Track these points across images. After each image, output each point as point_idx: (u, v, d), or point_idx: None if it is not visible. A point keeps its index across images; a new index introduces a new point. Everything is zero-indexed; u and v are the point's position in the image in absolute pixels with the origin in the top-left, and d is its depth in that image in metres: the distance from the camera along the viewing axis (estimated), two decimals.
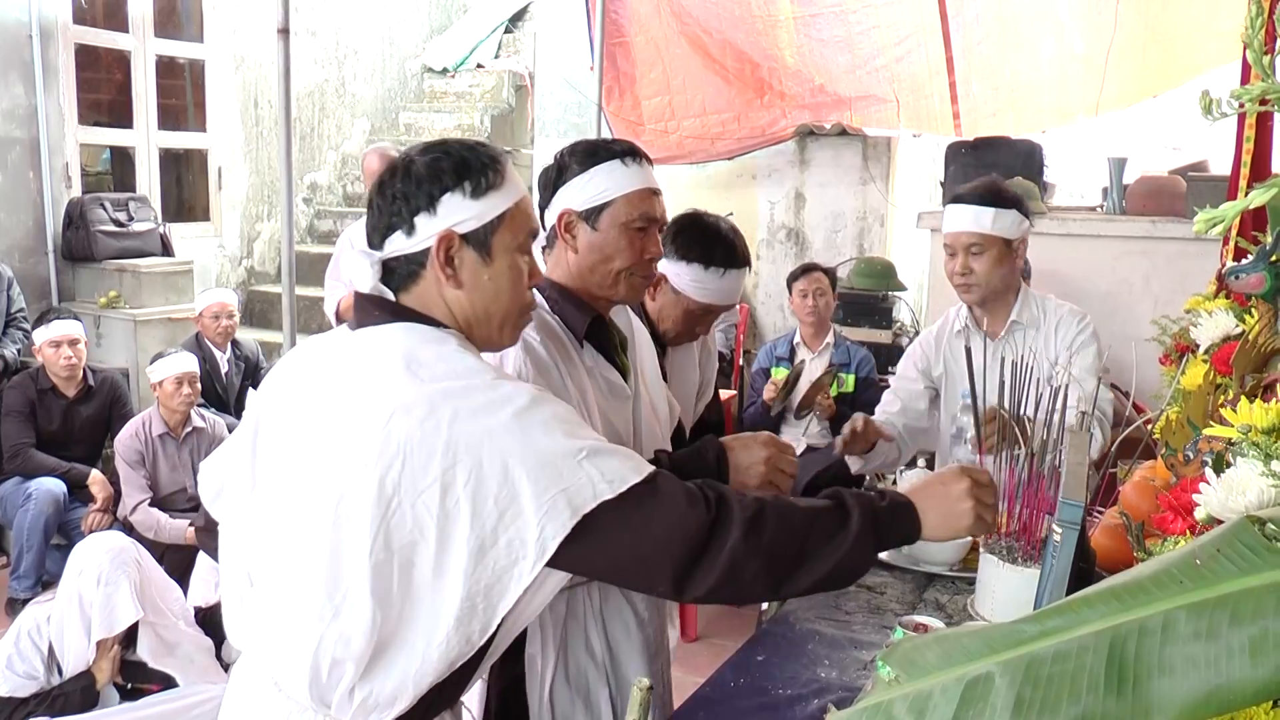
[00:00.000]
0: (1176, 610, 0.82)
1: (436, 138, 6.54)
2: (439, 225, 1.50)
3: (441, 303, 1.54)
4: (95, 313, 6.20)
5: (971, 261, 2.80)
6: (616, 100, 6.61)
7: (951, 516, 1.61)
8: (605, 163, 2.04)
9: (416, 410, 1.36)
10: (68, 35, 6.39)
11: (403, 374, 1.41)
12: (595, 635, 2.09)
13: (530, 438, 1.36)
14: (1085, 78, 5.88)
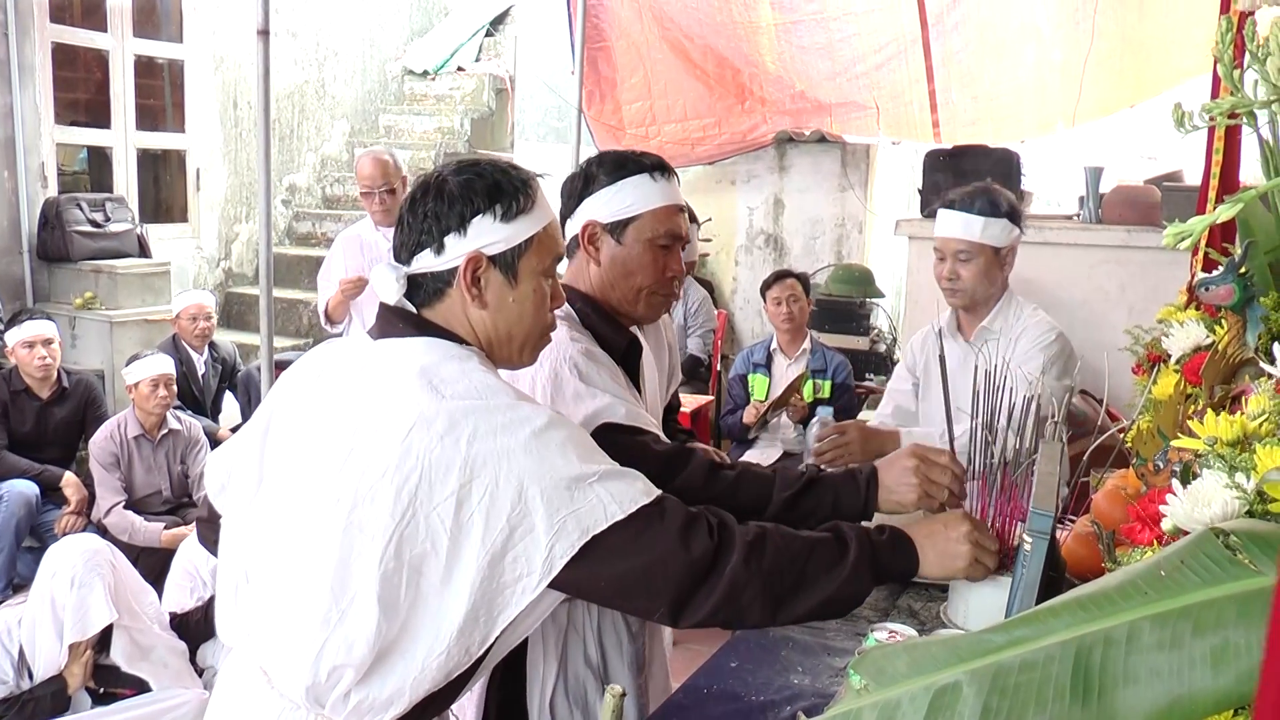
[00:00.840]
0: (1141, 620, 0.83)
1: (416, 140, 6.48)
2: (468, 246, 1.52)
3: (465, 321, 1.56)
4: (70, 314, 6.16)
5: (959, 267, 2.82)
6: (597, 105, 6.62)
7: (948, 557, 1.65)
8: (634, 176, 2.03)
9: (437, 425, 1.38)
10: (44, 33, 6.34)
11: (424, 388, 1.43)
12: (592, 645, 2.10)
13: (546, 459, 1.39)
14: (1063, 88, 5.92)
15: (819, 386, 4.99)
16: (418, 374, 1.45)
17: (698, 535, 1.44)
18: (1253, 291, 1.75)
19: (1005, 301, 2.92)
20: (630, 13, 6.48)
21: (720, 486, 1.88)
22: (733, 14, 6.30)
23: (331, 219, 7.50)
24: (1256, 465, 1.11)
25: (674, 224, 2.06)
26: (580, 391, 1.90)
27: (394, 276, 1.55)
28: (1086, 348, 3.08)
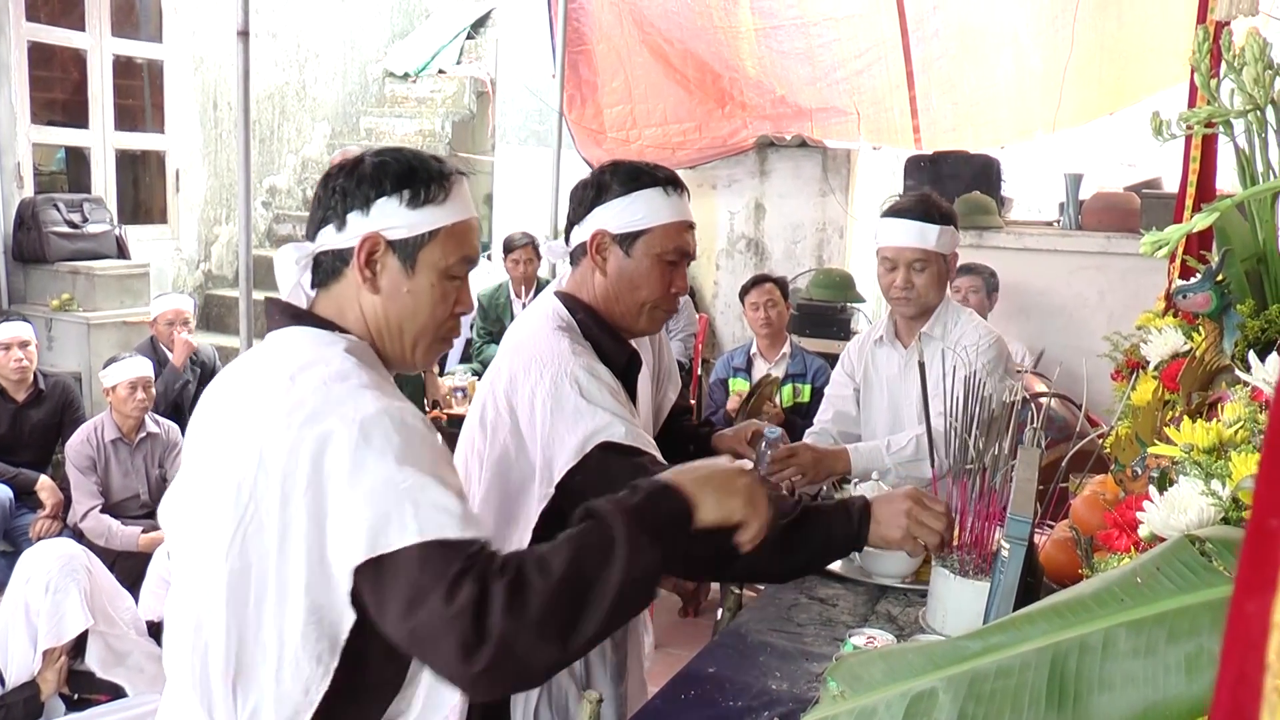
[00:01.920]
0: (1117, 627, 0.84)
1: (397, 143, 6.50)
2: (368, 226, 1.49)
3: (357, 306, 1.52)
4: (47, 315, 6.11)
5: (914, 277, 2.82)
6: (578, 108, 6.61)
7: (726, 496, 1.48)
8: (647, 189, 2.03)
9: (277, 414, 1.35)
10: (20, 32, 6.30)
11: (279, 379, 1.39)
12: None
13: (366, 455, 1.30)
14: (1043, 95, 5.96)
15: (799, 390, 5.00)
16: (279, 365, 1.42)
17: (464, 586, 1.25)
18: (1229, 299, 1.76)
19: (943, 307, 2.93)
20: (611, 16, 6.48)
21: None
22: (713, 18, 6.30)
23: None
24: (1232, 472, 1.12)
25: (683, 240, 2.07)
26: (580, 408, 1.90)
27: (298, 254, 1.52)
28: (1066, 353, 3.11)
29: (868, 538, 1.88)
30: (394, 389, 1.46)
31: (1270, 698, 0.44)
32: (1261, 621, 0.45)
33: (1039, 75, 5.98)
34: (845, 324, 5.92)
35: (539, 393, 1.93)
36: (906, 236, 2.81)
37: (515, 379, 1.98)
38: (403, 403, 1.39)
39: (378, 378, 1.43)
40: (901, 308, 2.90)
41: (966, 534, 1.99)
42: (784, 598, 2.20)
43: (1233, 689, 0.47)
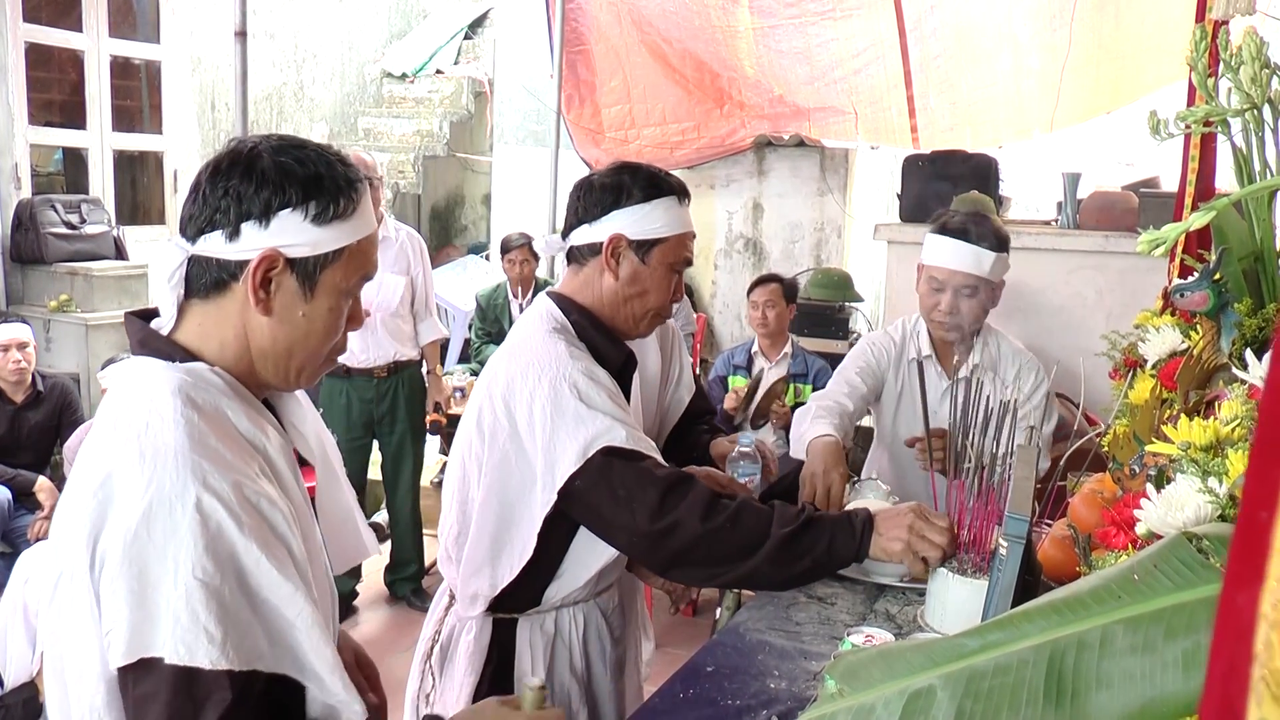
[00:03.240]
0: (1114, 624, 0.84)
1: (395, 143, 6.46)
2: (266, 240, 1.31)
3: (239, 325, 1.35)
4: (45, 316, 6.10)
5: (961, 302, 2.71)
6: (576, 108, 6.62)
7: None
8: (666, 197, 2.06)
9: (83, 485, 1.24)
10: (17, 33, 6.29)
11: (126, 437, 1.25)
12: (578, 654, 2.13)
13: (156, 543, 1.18)
14: (1040, 94, 5.97)
15: (799, 390, 5.01)
16: (117, 421, 1.28)
17: None
18: (1227, 298, 1.77)
19: (984, 334, 2.85)
20: (609, 17, 6.48)
21: (719, 519, 1.86)
22: (711, 18, 6.31)
23: None
24: (1229, 470, 1.12)
25: (690, 250, 2.13)
26: (581, 414, 1.90)
27: (179, 254, 1.33)
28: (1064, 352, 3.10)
29: (869, 550, 1.93)
30: (258, 416, 1.36)
31: (1258, 687, 0.44)
32: (1250, 612, 0.45)
33: (1037, 74, 5.99)
34: (844, 324, 5.92)
35: (538, 397, 1.93)
36: (959, 259, 2.69)
37: (512, 383, 1.98)
38: (200, 488, 1.20)
39: (220, 428, 1.28)
40: (941, 331, 2.80)
41: (965, 533, 1.99)
42: (783, 596, 2.20)
43: (1222, 679, 0.47)
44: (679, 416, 2.64)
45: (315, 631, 1.24)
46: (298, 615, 1.23)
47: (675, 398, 2.65)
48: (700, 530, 1.85)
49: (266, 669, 1.20)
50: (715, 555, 1.90)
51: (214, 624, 1.16)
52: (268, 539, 1.23)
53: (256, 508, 1.23)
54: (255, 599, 1.21)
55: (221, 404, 1.31)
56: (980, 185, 5.26)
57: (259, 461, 1.30)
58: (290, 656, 1.23)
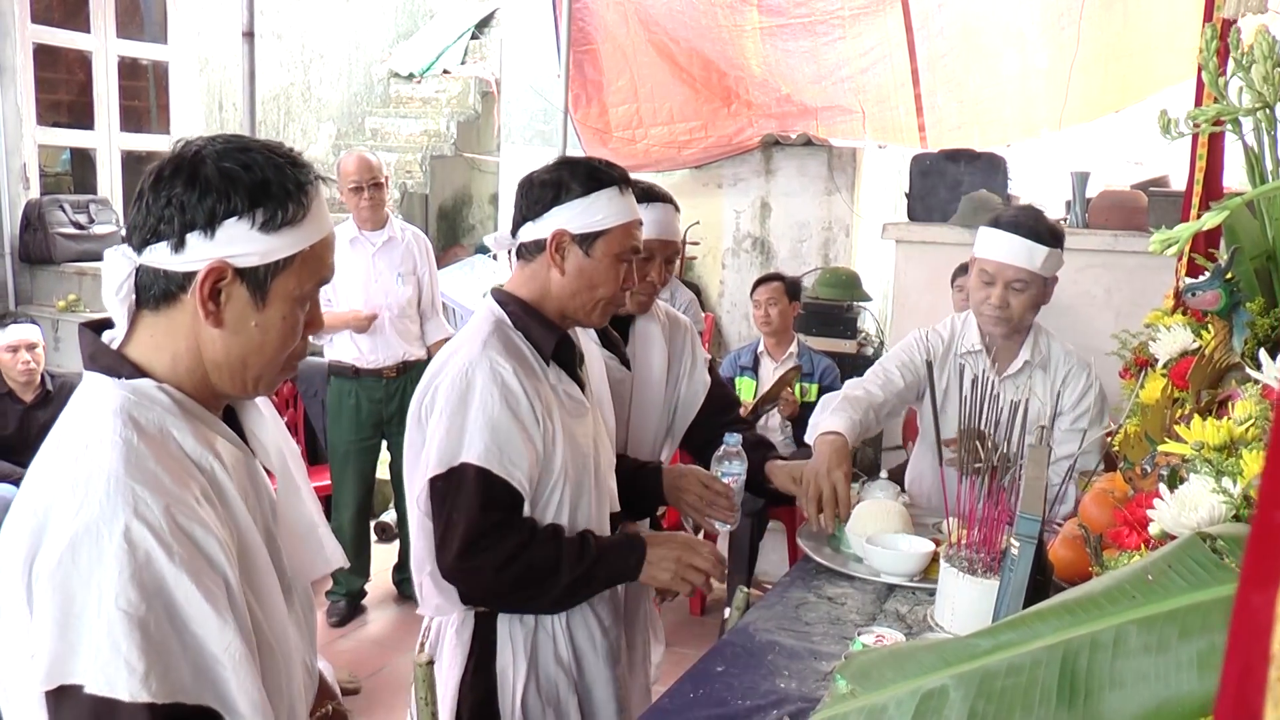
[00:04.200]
0: (1128, 624, 0.84)
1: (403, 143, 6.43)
2: (213, 251, 1.27)
3: (191, 337, 1.31)
4: (53, 316, 6.12)
5: (1011, 296, 2.68)
6: (584, 108, 6.61)
7: None
8: (606, 189, 2.07)
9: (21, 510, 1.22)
10: (25, 34, 6.30)
11: (63, 458, 1.24)
12: (563, 644, 2.14)
13: (78, 566, 1.15)
14: (1048, 92, 5.95)
15: (806, 390, 5.00)
16: (71, 437, 1.26)
17: None
18: (1238, 297, 1.76)
19: (1034, 333, 2.82)
20: (616, 16, 6.48)
21: (514, 569, 1.99)
22: (718, 18, 6.30)
23: None
24: (1243, 470, 1.11)
25: (637, 239, 2.14)
26: (464, 418, 1.98)
27: (126, 264, 1.29)
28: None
29: (640, 575, 2.10)
30: (207, 433, 1.32)
31: (1275, 688, 0.44)
32: (1266, 613, 0.45)
33: (1044, 73, 5.98)
34: (852, 323, 5.91)
35: (441, 392, 2.02)
36: (1012, 253, 2.66)
37: (432, 379, 2.08)
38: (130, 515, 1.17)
39: (162, 449, 1.25)
40: (990, 326, 2.77)
41: (975, 533, 1.99)
42: (792, 596, 2.20)
43: (1238, 680, 0.47)
44: (695, 411, 2.65)
45: (243, 668, 1.20)
46: (225, 650, 1.19)
47: (688, 392, 2.66)
48: (494, 580, 1.99)
49: (190, 701, 1.17)
50: (506, 598, 2.06)
51: (136, 655, 1.13)
52: (200, 569, 1.19)
53: (190, 536, 1.20)
54: (184, 631, 1.18)
55: (167, 423, 1.27)
56: (989, 184, 5.26)
57: (201, 484, 1.26)
58: (214, 690, 1.19)
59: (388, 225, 4.86)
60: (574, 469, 2.08)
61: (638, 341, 2.60)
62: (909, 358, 2.87)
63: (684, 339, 2.70)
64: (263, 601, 1.32)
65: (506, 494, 1.97)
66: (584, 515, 2.11)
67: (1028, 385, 2.70)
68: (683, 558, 2.08)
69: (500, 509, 1.97)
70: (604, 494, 2.18)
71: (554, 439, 2.03)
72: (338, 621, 4.89)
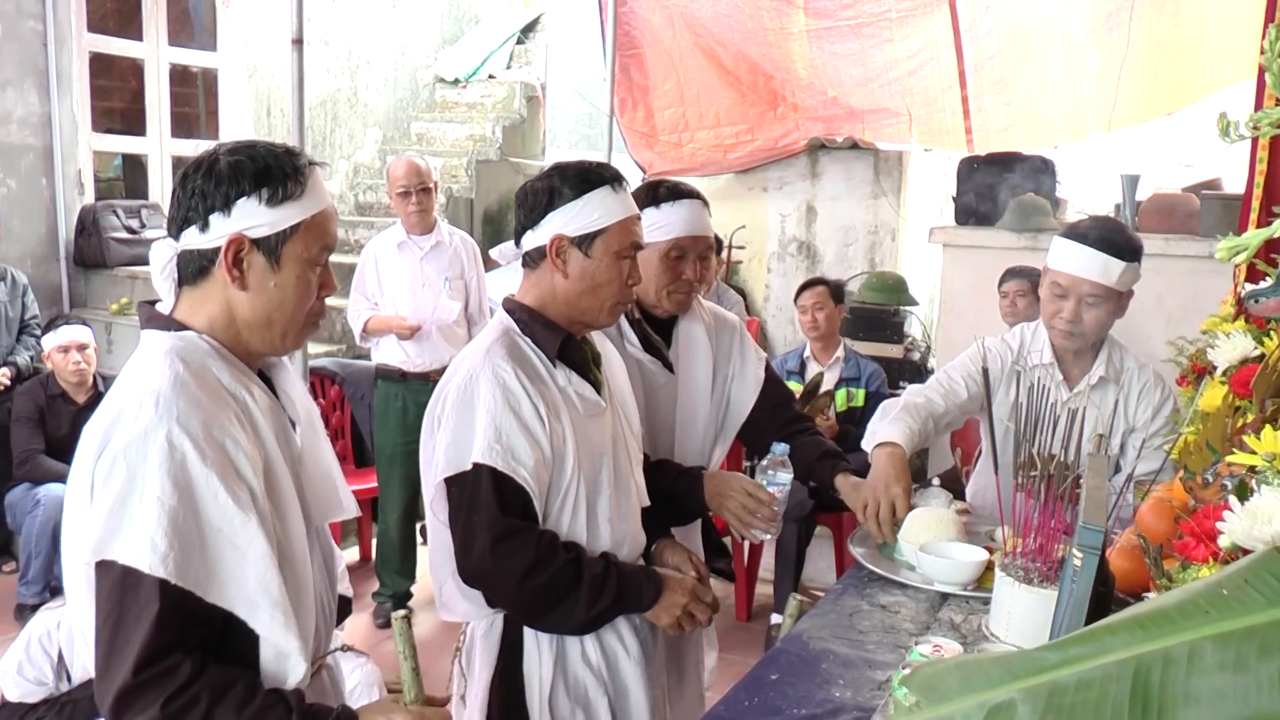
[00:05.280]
0: (1203, 640, 0.82)
1: (448, 147, 6.46)
2: (231, 227, 1.55)
3: (224, 301, 1.59)
4: (106, 319, 6.21)
5: (1084, 311, 2.60)
6: (630, 112, 6.62)
7: None
8: (598, 189, 2.08)
9: (121, 417, 1.48)
10: (82, 43, 6.41)
11: (126, 386, 1.53)
12: (591, 646, 2.14)
13: (128, 463, 1.43)
14: (1097, 94, 5.88)
15: (852, 395, 4.98)
16: (132, 372, 1.55)
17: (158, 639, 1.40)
18: None
19: (1108, 346, 2.74)
20: (662, 20, 6.48)
21: (534, 582, 2.00)
22: (764, 20, 6.29)
23: (364, 226, 7.52)
24: None
25: (636, 235, 2.14)
26: (472, 421, 2.00)
27: (170, 253, 1.60)
28: None
29: (649, 612, 2.13)
30: (242, 375, 1.59)
31: None
32: None
33: (1093, 74, 5.91)
34: (898, 327, 5.88)
35: (449, 399, 2.05)
36: (1086, 267, 2.57)
37: (443, 387, 2.10)
38: (190, 419, 1.45)
39: (203, 380, 1.52)
40: (1061, 340, 2.70)
41: (1030, 541, 1.96)
42: (845, 604, 2.19)
43: None
44: (747, 411, 2.63)
45: (265, 563, 1.46)
46: (249, 545, 1.45)
47: (738, 393, 2.65)
48: (515, 591, 2.01)
49: (205, 597, 1.43)
50: (527, 611, 2.07)
51: (160, 536, 1.39)
52: (228, 474, 1.46)
53: (221, 445, 1.47)
54: (207, 528, 1.44)
55: (207, 363, 1.56)
56: (1037, 187, 5.21)
57: (235, 410, 1.53)
58: (235, 589, 1.45)
59: (435, 230, 4.89)
60: (588, 468, 2.09)
61: (680, 344, 2.59)
62: (975, 368, 2.78)
63: (731, 339, 2.68)
64: (286, 524, 1.56)
65: (518, 495, 1.99)
66: (603, 514, 2.11)
67: (1099, 400, 2.65)
68: (688, 606, 2.13)
69: (517, 512, 1.99)
70: (625, 492, 2.18)
71: (563, 439, 2.04)
72: (384, 623, 4.92)
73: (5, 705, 3.14)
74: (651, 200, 2.43)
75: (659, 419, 2.51)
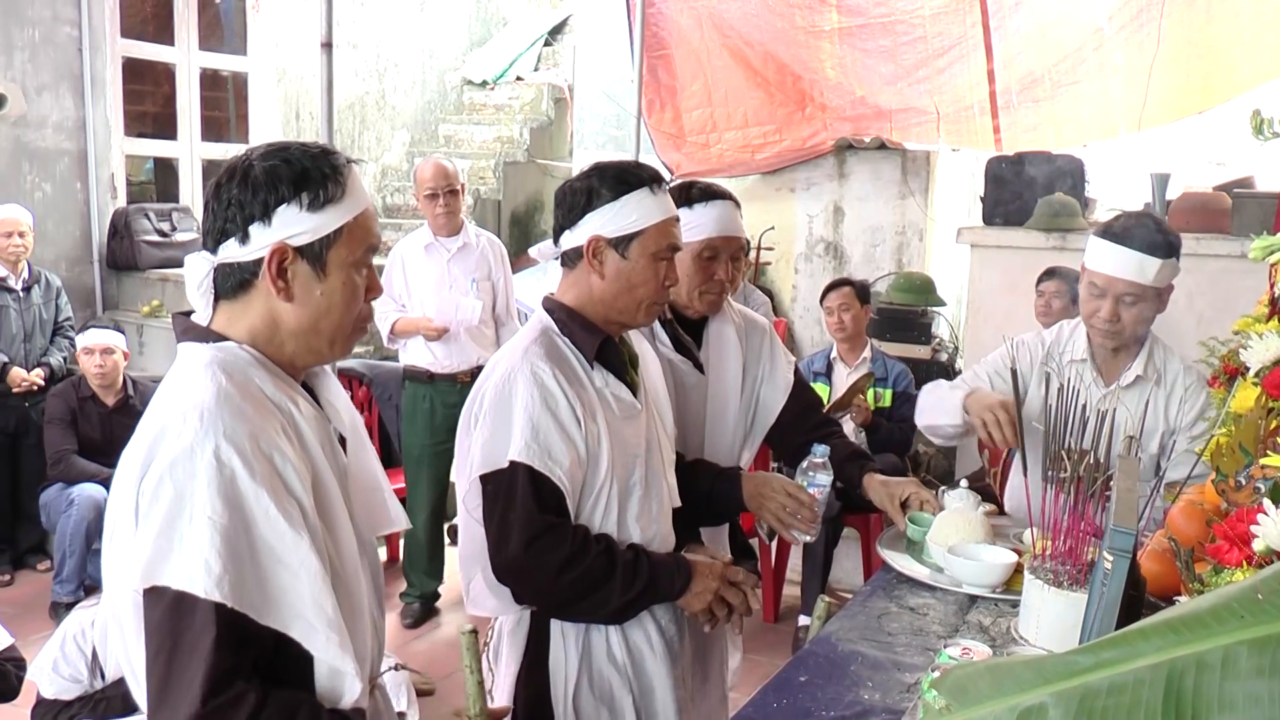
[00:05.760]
0: (1238, 645, 0.81)
1: (476, 149, 6.49)
2: (273, 236, 1.48)
3: (267, 313, 1.51)
4: (138, 321, 6.28)
5: (1122, 310, 2.59)
6: (658, 113, 6.62)
7: None
8: (636, 191, 2.09)
9: (166, 433, 1.41)
10: (115, 48, 6.48)
11: (169, 399, 1.45)
12: (616, 643, 2.15)
13: (175, 481, 1.36)
14: (1127, 92, 5.84)
15: (880, 395, 4.97)
16: (172, 386, 1.48)
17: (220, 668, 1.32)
18: None
19: (1150, 345, 2.71)
20: (690, 21, 6.48)
21: (572, 574, 2.00)
22: (795, 19, 6.28)
23: (392, 228, 7.56)
24: None
25: (674, 237, 2.15)
26: (509, 419, 2.01)
27: (206, 265, 1.52)
28: None
29: (680, 600, 2.13)
30: (285, 385, 1.51)
31: None
32: None
33: (1123, 71, 5.86)
34: (926, 328, 5.86)
35: (487, 397, 2.06)
36: (1122, 266, 2.57)
37: (480, 385, 2.12)
38: (236, 430, 1.38)
39: (246, 391, 1.45)
40: (1101, 339, 2.70)
41: (1060, 543, 1.95)
42: (874, 606, 2.19)
43: None
44: (776, 414, 2.64)
45: (318, 582, 1.38)
46: (301, 564, 1.37)
47: (768, 395, 2.66)
48: (552, 584, 2.01)
49: (259, 619, 1.35)
50: (560, 604, 2.08)
51: (215, 558, 1.32)
52: (278, 488, 1.38)
53: (269, 459, 1.39)
54: (259, 546, 1.36)
55: (250, 373, 1.48)
56: (1065, 187, 5.17)
57: (281, 421, 1.46)
58: (289, 610, 1.37)
59: (463, 231, 4.91)
60: (622, 469, 2.10)
61: (711, 344, 2.60)
62: (1004, 366, 2.80)
63: (761, 341, 2.69)
64: (337, 541, 1.50)
65: (554, 494, 2.00)
66: (633, 514, 2.12)
67: (1137, 400, 2.63)
68: (720, 591, 2.13)
69: (552, 510, 2.00)
70: (657, 493, 2.18)
71: (599, 440, 2.05)
72: (412, 623, 4.94)
73: (41, 702, 3.17)
74: (685, 201, 2.44)
75: (689, 419, 2.52)
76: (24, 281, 5.48)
